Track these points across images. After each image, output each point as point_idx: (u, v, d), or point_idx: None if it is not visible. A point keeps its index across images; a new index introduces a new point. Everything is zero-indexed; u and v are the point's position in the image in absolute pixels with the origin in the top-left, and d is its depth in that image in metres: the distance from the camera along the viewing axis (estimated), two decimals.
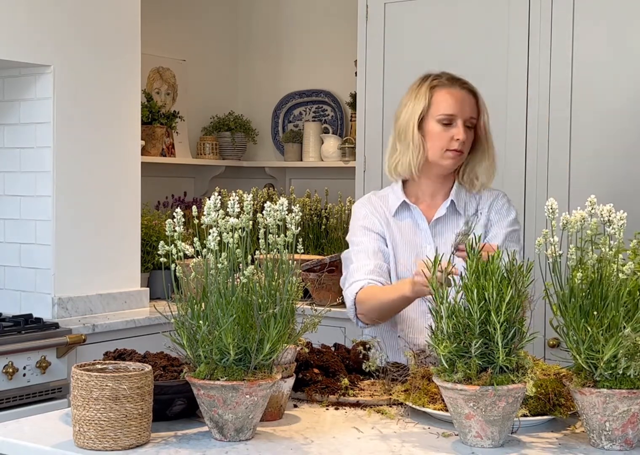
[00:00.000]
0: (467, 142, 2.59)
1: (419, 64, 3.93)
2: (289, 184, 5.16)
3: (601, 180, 3.52)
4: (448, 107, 2.57)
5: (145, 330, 3.71)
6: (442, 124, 2.57)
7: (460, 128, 2.56)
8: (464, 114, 2.57)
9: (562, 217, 1.86)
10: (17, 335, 3.26)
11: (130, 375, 1.79)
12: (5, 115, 3.74)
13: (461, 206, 2.64)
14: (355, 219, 2.70)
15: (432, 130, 2.58)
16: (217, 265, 1.82)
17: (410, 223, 2.65)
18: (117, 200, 3.89)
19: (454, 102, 2.57)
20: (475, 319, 1.79)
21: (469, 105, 2.59)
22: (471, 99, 2.61)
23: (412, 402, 2.04)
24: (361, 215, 2.69)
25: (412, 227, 2.64)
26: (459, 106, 2.57)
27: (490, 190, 2.69)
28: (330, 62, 5.05)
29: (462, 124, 2.56)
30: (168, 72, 4.95)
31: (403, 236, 2.63)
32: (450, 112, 2.57)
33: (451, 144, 2.56)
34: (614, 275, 1.80)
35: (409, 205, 2.65)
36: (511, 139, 3.70)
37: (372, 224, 2.65)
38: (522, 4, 3.68)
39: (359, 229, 2.67)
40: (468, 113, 2.58)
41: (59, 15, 3.64)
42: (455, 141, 2.56)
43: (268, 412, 1.99)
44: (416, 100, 2.60)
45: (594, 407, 1.79)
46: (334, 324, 3.93)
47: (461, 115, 2.57)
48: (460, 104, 2.57)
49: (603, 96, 3.53)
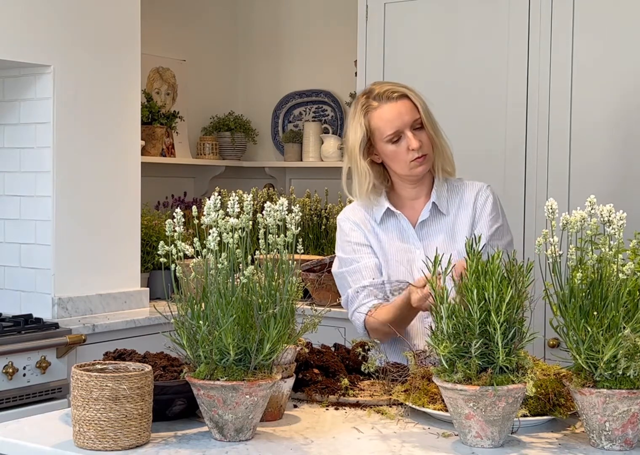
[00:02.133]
0: (426, 143, 2.55)
1: (418, 64, 3.94)
2: (289, 184, 5.16)
3: (601, 180, 3.52)
4: (388, 127, 2.53)
5: (145, 331, 3.71)
6: (392, 142, 2.54)
7: (410, 138, 2.52)
8: (405, 124, 2.53)
9: (562, 217, 1.86)
10: (17, 335, 3.26)
11: (130, 376, 1.79)
12: (5, 115, 3.74)
13: (443, 206, 2.63)
14: (342, 234, 2.68)
15: (387, 152, 2.56)
16: (217, 265, 1.82)
17: (396, 229, 2.64)
18: (117, 200, 3.89)
19: (391, 119, 2.53)
20: (475, 319, 1.79)
21: (407, 112, 2.54)
22: (405, 104, 2.55)
23: (412, 402, 2.04)
24: (347, 229, 2.67)
25: (400, 233, 2.63)
26: (397, 120, 2.53)
27: (472, 183, 2.67)
28: (330, 62, 5.05)
29: (410, 133, 2.52)
30: (168, 72, 4.96)
31: (391, 243, 2.63)
32: (392, 131, 2.53)
33: (411, 155, 2.53)
34: (614, 275, 1.80)
35: (394, 212, 2.64)
36: (511, 139, 3.71)
37: (359, 238, 2.64)
38: (522, 4, 3.68)
39: (347, 245, 2.65)
40: (408, 120, 2.53)
41: (59, 15, 3.64)
42: (412, 151, 2.53)
43: (268, 412, 1.99)
44: (355, 129, 2.57)
45: (594, 407, 1.79)
46: (334, 324, 3.93)
47: (404, 125, 2.53)
48: (397, 117, 2.53)
49: (603, 96, 3.53)
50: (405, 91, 2.57)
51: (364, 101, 2.58)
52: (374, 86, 2.61)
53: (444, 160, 2.62)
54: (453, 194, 2.65)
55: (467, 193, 2.65)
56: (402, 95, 2.56)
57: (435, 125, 2.59)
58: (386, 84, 2.61)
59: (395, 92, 2.55)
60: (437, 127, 2.60)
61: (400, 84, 2.61)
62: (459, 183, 2.68)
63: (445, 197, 2.64)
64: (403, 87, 2.59)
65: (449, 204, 2.64)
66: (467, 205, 2.63)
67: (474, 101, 3.79)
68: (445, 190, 2.64)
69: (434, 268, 1.90)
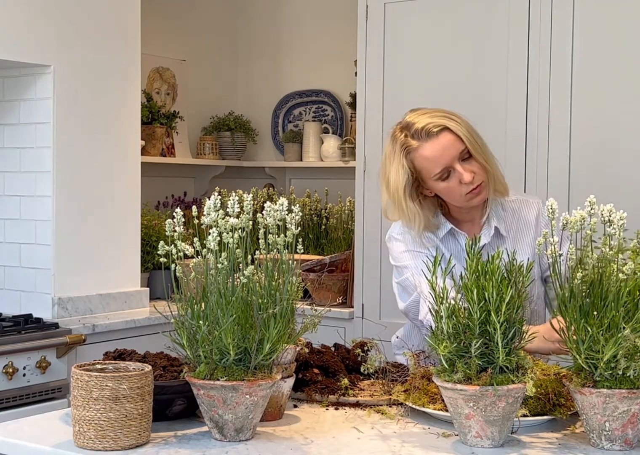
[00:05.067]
0: (478, 171, 2.41)
1: (418, 64, 3.94)
2: (289, 184, 5.16)
3: (601, 180, 3.52)
4: (434, 166, 2.39)
5: (145, 330, 3.71)
6: (442, 180, 2.41)
7: (460, 171, 2.38)
8: (452, 159, 2.38)
9: (562, 217, 1.86)
10: (17, 335, 3.26)
11: (130, 375, 1.79)
12: (5, 115, 3.74)
13: (502, 227, 2.51)
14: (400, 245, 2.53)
15: (439, 188, 2.43)
16: (217, 265, 1.82)
17: (456, 249, 2.52)
18: (117, 200, 3.89)
19: (437, 158, 2.38)
20: (475, 319, 1.79)
21: (451, 145, 2.39)
22: (447, 137, 2.39)
23: (412, 402, 2.04)
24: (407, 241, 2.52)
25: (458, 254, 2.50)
26: (442, 157, 2.38)
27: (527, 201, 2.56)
28: (330, 62, 5.05)
29: (460, 166, 2.39)
30: (168, 72, 4.95)
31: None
32: (439, 169, 2.39)
33: (464, 188, 2.40)
34: (614, 275, 1.80)
35: (456, 232, 2.52)
36: (511, 139, 3.71)
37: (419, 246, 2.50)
38: (522, 4, 3.68)
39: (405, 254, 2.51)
40: (455, 153, 2.39)
41: (59, 15, 3.64)
42: (465, 185, 2.39)
43: (268, 412, 1.99)
44: (397, 171, 2.42)
45: (594, 407, 1.79)
46: (334, 324, 3.93)
47: (451, 161, 2.38)
48: (442, 154, 2.38)
49: (603, 96, 3.54)
50: (445, 123, 2.40)
51: (403, 140, 2.42)
52: (411, 118, 2.44)
53: (496, 183, 2.46)
54: (509, 214, 2.54)
55: (524, 212, 2.55)
56: (443, 129, 2.39)
57: (485, 150, 2.44)
58: (423, 116, 2.42)
59: (436, 127, 2.39)
60: (485, 150, 2.44)
61: (438, 113, 2.43)
62: (513, 199, 2.56)
63: (502, 217, 2.53)
64: (443, 117, 2.42)
65: (507, 225, 2.53)
66: (528, 226, 2.53)
67: (474, 101, 3.79)
68: (500, 210, 2.54)
69: (434, 268, 1.90)
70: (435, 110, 2.46)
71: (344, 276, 4.19)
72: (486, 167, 2.42)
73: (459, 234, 2.52)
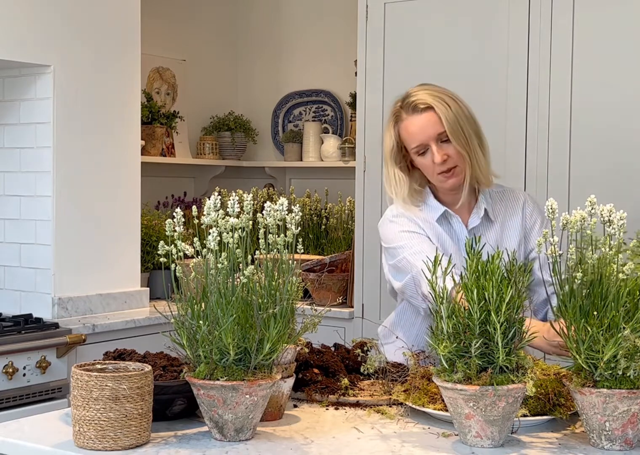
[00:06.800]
0: (453, 157, 2.48)
1: (419, 64, 3.94)
2: (289, 184, 5.16)
3: (601, 180, 3.52)
4: (412, 140, 2.49)
5: (145, 330, 3.71)
6: (418, 154, 2.51)
7: (433, 152, 2.47)
8: (429, 138, 2.47)
9: (562, 217, 1.86)
10: (17, 335, 3.26)
11: (130, 375, 1.79)
12: (5, 115, 3.74)
13: (490, 212, 2.58)
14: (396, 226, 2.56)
15: (417, 162, 2.53)
16: (217, 265, 1.82)
17: (450, 232, 2.57)
18: (117, 200, 3.89)
19: (414, 132, 2.48)
20: (475, 319, 1.79)
21: (431, 125, 2.47)
22: (429, 117, 2.48)
23: (412, 402, 2.04)
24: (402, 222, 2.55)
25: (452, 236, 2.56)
26: (420, 134, 2.48)
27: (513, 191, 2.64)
28: (330, 62, 5.05)
29: (435, 146, 2.47)
30: (168, 72, 4.95)
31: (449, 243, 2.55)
32: (415, 144, 2.49)
33: (437, 168, 2.49)
34: (614, 275, 1.80)
35: (450, 215, 2.57)
36: (511, 139, 3.71)
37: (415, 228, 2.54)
38: (522, 4, 3.68)
39: (400, 234, 2.53)
40: (432, 133, 2.47)
41: (59, 15, 3.64)
42: (437, 165, 2.48)
43: (268, 412, 1.99)
44: (387, 137, 2.56)
45: (594, 407, 1.79)
46: (334, 324, 3.93)
47: (427, 139, 2.48)
48: (420, 131, 2.48)
49: (603, 96, 3.54)
50: (432, 102, 2.48)
51: (397, 110, 2.54)
52: (412, 91, 2.55)
53: (475, 172, 2.52)
54: (497, 201, 2.61)
55: (511, 200, 2.62)
56: (428, 108, 2.48)
57: (469, 138, 2.49)
58: (422, 92, 2.52)
59: (423, 104, 2.48)
60: (470, 139, 2.50)
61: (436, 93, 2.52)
62: (500, 190, 2.64)
63: (490, 203, 2.60)
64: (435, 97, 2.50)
65: (495, 211, 2.60)
66: (515, 211, 2.60)
67: (474, 101, 3.76)
68: (488, 197, 2.60)
69: (434, 268, 1.90)
70: (436, 89, 2.55)
71: (344, 276, 4.19)
72: (463, 155, 2.49)
73: (452, 216, 2.58)
